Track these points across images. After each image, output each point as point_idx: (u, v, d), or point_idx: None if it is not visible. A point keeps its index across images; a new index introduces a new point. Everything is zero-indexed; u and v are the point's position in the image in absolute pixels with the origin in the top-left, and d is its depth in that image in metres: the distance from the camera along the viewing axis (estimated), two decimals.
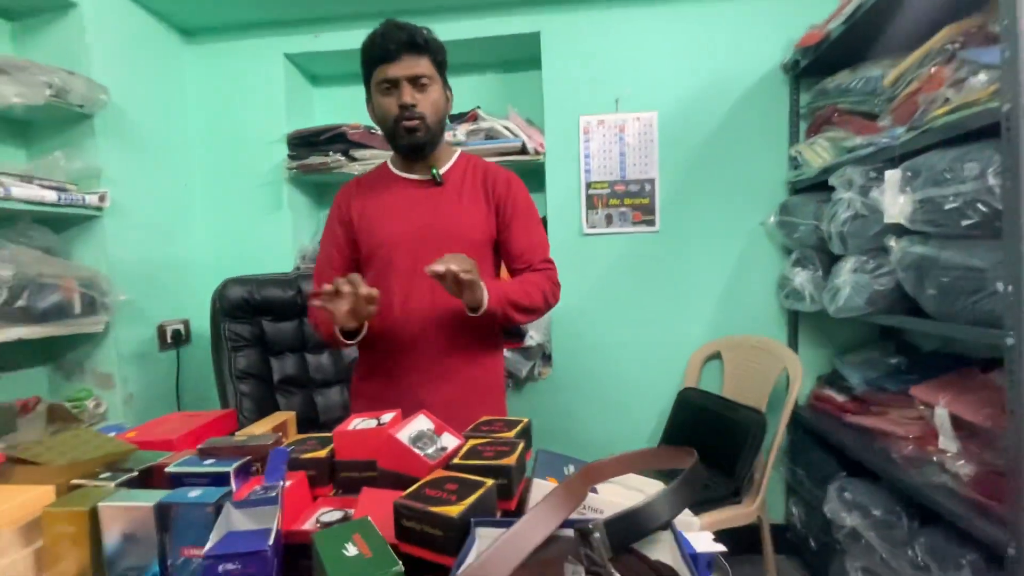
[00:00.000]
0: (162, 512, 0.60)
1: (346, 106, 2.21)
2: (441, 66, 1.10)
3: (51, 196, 1.42)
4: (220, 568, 0.50)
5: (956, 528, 1.11)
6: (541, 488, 0.68)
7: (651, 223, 1.86)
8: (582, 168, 1.86)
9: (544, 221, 1.94)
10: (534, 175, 1.99)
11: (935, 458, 1.23)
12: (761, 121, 1.81)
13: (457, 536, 0.54)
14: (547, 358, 2.01)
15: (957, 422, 1.18)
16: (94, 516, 0.61)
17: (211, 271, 2.00)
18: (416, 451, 0.71)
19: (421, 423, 0.79)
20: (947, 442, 1.21)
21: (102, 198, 1.57)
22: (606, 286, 1.91)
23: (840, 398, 1.66)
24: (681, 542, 0.53)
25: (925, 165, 1.09)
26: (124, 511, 0.61)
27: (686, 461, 0.67)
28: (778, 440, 1.52)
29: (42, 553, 0.62)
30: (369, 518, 0.57)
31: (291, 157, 1.94)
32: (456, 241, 1.08)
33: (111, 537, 0.61)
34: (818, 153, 1.61)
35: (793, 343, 1.83)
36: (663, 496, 0.55)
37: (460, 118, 1.95)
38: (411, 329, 1.08)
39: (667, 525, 0.55)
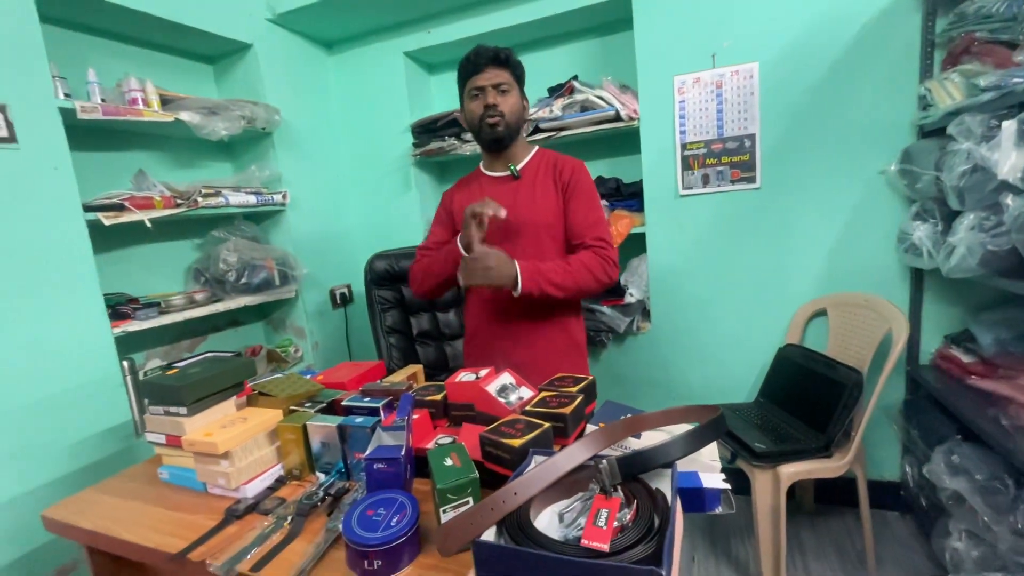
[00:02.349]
0: (341, 430, 0.95)
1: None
2: (519, 79, 1.30)
3: (252, 199, 1.92)
4: (374, 466, 0.82)
5: None
6: (590, 431, 0.89)
7: (751, 180, 1.83)
8: (677, 130, 1.88)
9: (638, 184, 2.02)
10: (628, 140, 2.05)
11: None
12: (885, 55, 1.63)
13: (518, 459, 0.79)
14: (646, 313, 2.14)
15: None
16: (305, 429, 0.98)
17: (363, 243, 2.47)
18: (499, 399, 0.97)
19: (506, 379, 1.04)
20: None
21: (284, 196, 2.06)
22: (705, 245, 1.94)
23: (966, 359, 1.55)
24: (674, 476, 0.70)
25: None
26: (320, 428, 0.97)
27: (710, 418, 0.82)
28: (873, 400, 1.50)
29: (279, 449, 1.01)
30: (464, 444, 0.84)
31: (415, 144, 2.26)
32: (532, 226, 1.29)
33: (315, 443, 0.98)
34: (948, 91, 1.44)
35: (916, 301, 1.70)
36: (666, 444, 0.73)
37: (557, 90, 2.06)
38: (500, 302, 1.32)
39: (670, 464, 0.73)
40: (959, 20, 1.46)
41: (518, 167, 1.34)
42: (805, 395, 1.68)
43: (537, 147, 1.38)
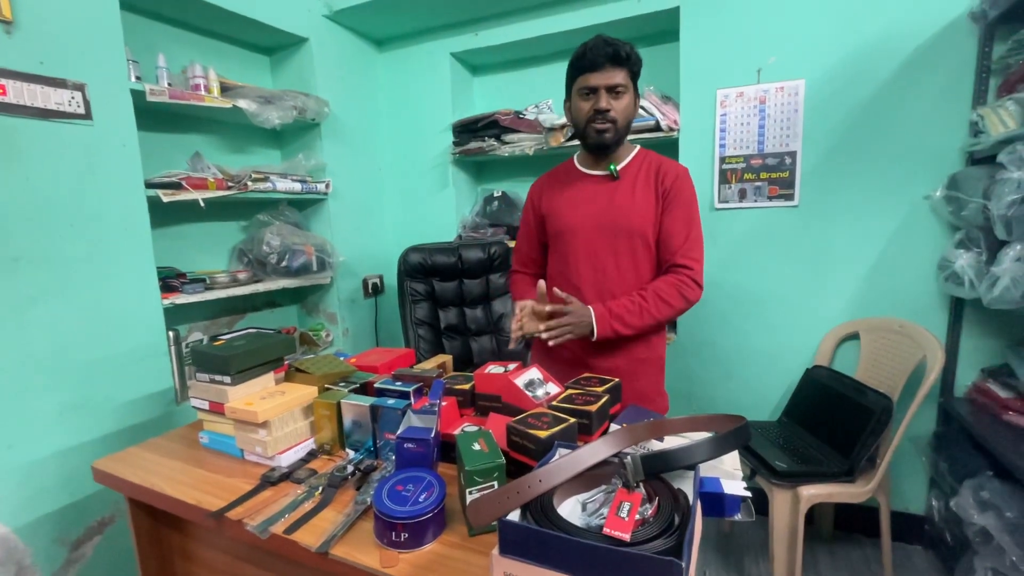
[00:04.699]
0: (374, 410, 0.99)
1: (500, 90, 2.51)
2: (636, 76, 1.21)
3: (297, 187, 2.00)
4: (404, 445, 0.86)
5: None
6: (612, 430, 0.91)
7: (790, 197, 1.81)
8: (716, 143, 1.88)
9: None
10: (666, 150, 2.05)
11: None
12: (937, 79, 1.60)
13: (543, 450, 0.81)
14: (672, 324, 2.14)
15: None
16: (339, 407, 1.03)
17: (398, 236, 2.54)
18: (527, 393, 1.00)
19: (533, 374, 1.07)
20: None
21: (327, 186, 2.13)
22: (737, 260, 1.93)
23: (1003, 394, 1.51)
24: (696, 479, 0.72)
25: None
26: (354, 406, 1.01)
27: (733, 427, 0.83)
28: (902, 429, 1.47)
29: (313, 424, 1.06)
30: (491, 431, 0.87)
31: (455, 143, 2.31)
32: (627, 233, 1.22)
33: (347, 421, 1.02)
34: (1002, 119, 1.41)
35: (954, 331, 1.66)
36: (690, 446, 0.74)
37: None
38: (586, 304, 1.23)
39: (692, 466, 0.74)
40: (1018, 47, 1.43)
41: (618, 167, 1.26)
42: (831, 418, 1.66)
43: (638, 146, 1.31)
